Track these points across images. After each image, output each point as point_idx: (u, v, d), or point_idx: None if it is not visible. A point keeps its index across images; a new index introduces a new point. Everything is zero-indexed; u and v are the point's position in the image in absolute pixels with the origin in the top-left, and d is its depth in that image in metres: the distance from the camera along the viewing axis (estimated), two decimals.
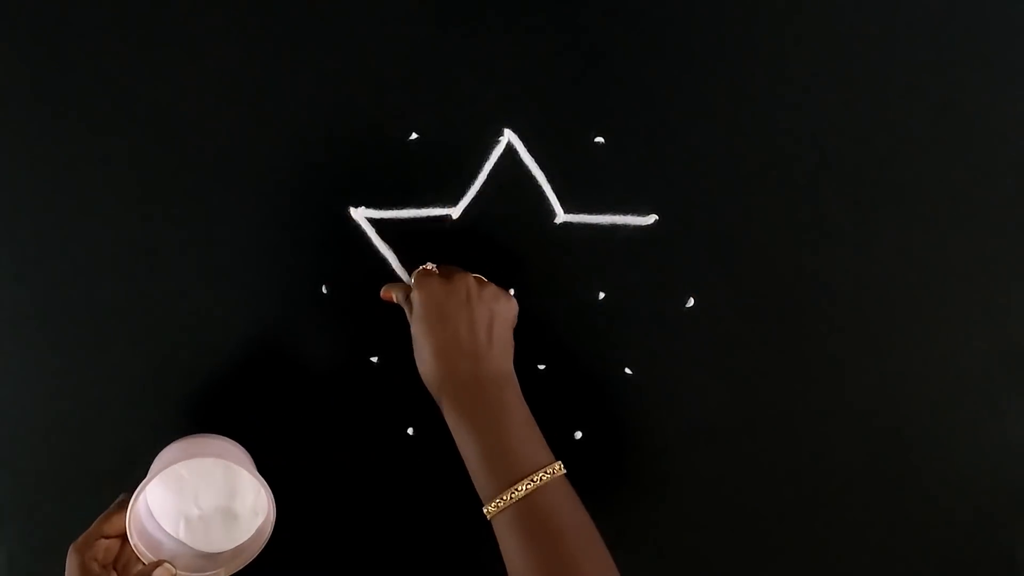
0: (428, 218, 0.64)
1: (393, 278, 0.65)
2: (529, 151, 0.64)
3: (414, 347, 0.57)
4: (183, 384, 0.66)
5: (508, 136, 0.63)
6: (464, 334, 0.55)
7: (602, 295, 0.65)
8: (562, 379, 0.66)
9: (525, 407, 0.55)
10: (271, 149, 0.63)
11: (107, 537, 0.58)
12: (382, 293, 0.62)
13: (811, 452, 0.67)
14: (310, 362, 0.66)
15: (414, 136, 0.63)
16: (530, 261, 0.65)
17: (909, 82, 0.62)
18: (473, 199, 0.64)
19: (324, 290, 0.65)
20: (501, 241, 0.65)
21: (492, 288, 0.58)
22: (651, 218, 0.64)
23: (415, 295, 0.58)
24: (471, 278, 0.58)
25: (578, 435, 0.67)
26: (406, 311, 0.60)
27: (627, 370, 0.66)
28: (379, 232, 0.64)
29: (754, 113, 0.63)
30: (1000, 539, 0.68)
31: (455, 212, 0.64)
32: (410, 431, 0.67)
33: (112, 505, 0.60)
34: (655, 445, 0.67)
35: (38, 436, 0.66)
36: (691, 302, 0.65)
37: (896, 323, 0.65)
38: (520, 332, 0.65)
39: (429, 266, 0.60)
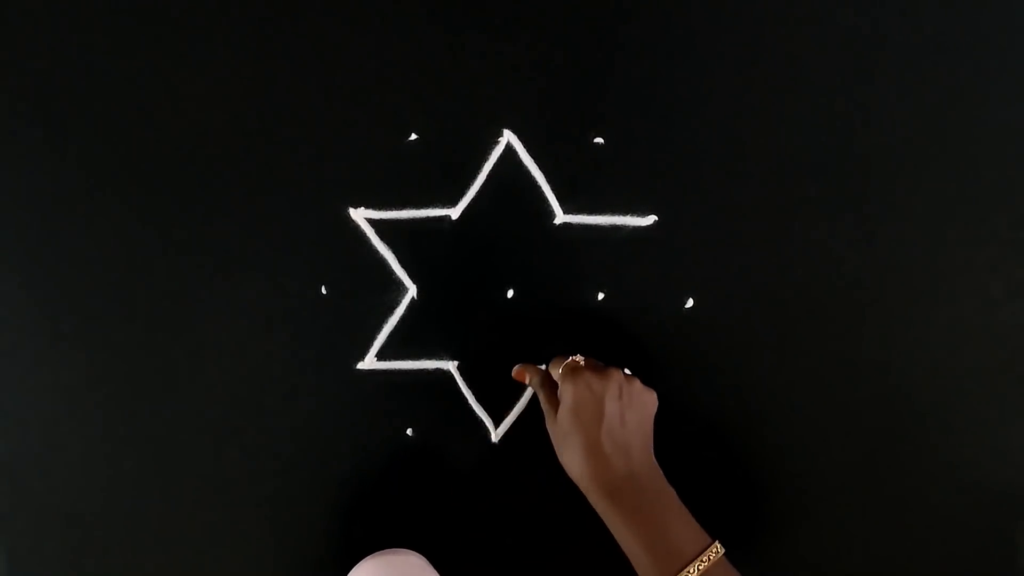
0: (428, 218, 0.64)
1: (392, 279, 0.65)
2: (529, 151, 0.64)
3: (559, 439, 0.57)
4: (182, 385, 0.66)
5: (508, 136, 0.63)
6: (617, 430, 0.56)
7: (601, 295, 0.65)
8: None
9: (674, 493, 0.56)
10: (271, 149, 0.63)
11: None
12: (515, 373, 0.64)
13: (811, 452, 0.67)
14: (309, 362, 0.66)
15: (414, 136, 0.63)
16: (530, 261, 0.65)
17: (910, 83, 0.62)
18: (473, 199, 0.64)
19: (323, 290, 0.65)
20: (501, 241, 0.65)
21: (638, 383, 0.59)
22: (650, 219, 0.64)
23: (568, 389, 0.57)
24: (621, 374, 0.58)
25: None
26: (542, 398, 0.60)
27: (626, 370, 0.66)
28: (379, 232, 0.64)
29: (754, 114, 0.63)
30: (1001, 540, 0.68)
31: (455, 212, 0.64)
32: (409, 431, 0.67)
33: None
34: (654, 445, 0.67)
35: (39, 439, 0.66)
36: (690, 303, 0.65)
37: (896, 323, 0.65)
38: (520, 332, 0.66)
39: (578, 358, 0.60)
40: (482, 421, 0.67)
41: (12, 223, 0.64)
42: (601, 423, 0.56)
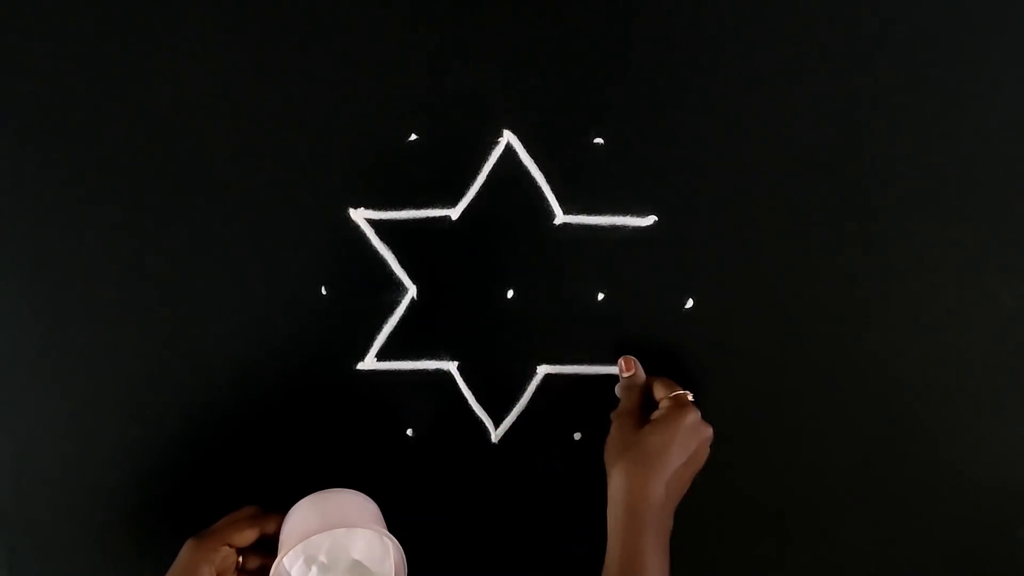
0: (428, 219, 0.64)
1: (392, 279, 0.65)
2: (528, 152, 0.63)
3: (643, 451, 0.57)
4: (182, 385, 0.66)
5: (508, 137, 0.63)
6: (691, 476, 0.59)
7: (601, 296, 0.65)
8: (561, 380, 0.66)
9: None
10: (271, 150, 0.63)
11: (230, 545, 0.59)
12: (624, 360, 0.64)
13: (811, 452, 0.67)
14: (309, 363, 0.66)
15: (414, 137, 0.63)
16: (529, 262, 0.65)
17: (909, 82, 0.62)
18: (473, 200, 0.64)
19: (323, 291, 0.65)
20: (500, 242, 0.65)
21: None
22: (650, 219, 0.64)
23: (682, 417, 0.58)
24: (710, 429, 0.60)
25: (577, 436, 0.67)
26: (629, 397, 0.62)
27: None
28: (378, 233, 0.64)
29: (754, 114, 0.63)
30: (1002, 538, 0.68)
31: (455, 213, 0.64)
32: (409, 432, 0.67)
33: (241, 515, 0.61)
34: None
35: (38, 438, 0.67)
36: (690, 303, 0.65)
37: (896, 323, 0.65)
38: (520, 332, 0.66)
39: (690, 395, 0.61)
40: (482, 421, 0.67)
41: (12, 223, 0.64)
42: (694, 464, 0.59)
